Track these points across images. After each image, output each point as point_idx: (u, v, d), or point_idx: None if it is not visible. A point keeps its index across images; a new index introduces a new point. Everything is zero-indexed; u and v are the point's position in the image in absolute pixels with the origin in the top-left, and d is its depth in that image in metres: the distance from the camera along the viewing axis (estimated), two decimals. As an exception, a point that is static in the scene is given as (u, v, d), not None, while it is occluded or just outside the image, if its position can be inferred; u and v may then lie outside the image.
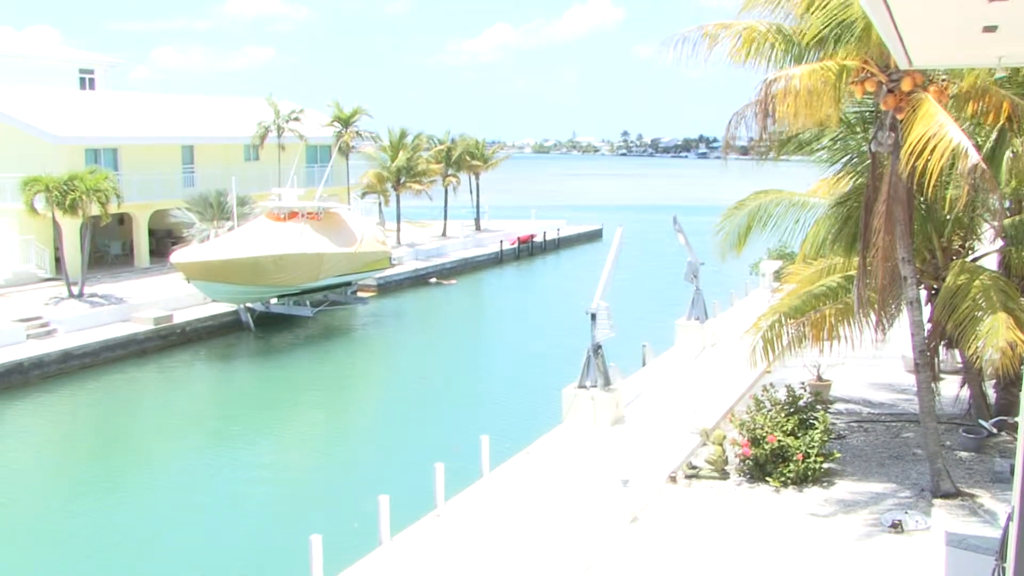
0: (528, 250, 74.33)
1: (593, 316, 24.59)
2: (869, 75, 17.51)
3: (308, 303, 46.71)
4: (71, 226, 44.71)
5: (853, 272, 20.91)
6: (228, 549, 21.58)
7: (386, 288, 55.48)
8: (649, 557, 16.85)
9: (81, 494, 26.00)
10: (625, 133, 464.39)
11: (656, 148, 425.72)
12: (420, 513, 18.78)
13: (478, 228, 77.80)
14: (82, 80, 68.38)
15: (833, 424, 21.88)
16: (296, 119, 58.97)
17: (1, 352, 35.46)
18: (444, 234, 73.31)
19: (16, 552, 22.01)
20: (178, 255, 41.89)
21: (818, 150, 21.85)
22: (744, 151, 21.01)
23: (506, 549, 17.30)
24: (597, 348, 24.68)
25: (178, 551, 21.73)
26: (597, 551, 17.08)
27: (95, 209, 42.58)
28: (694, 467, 21.01)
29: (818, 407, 21.43)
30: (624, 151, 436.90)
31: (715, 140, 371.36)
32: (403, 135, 68.22)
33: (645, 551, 17.10)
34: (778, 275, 37.97)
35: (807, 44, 18.05)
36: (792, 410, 20.69)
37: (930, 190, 17.13)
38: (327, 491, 25.25)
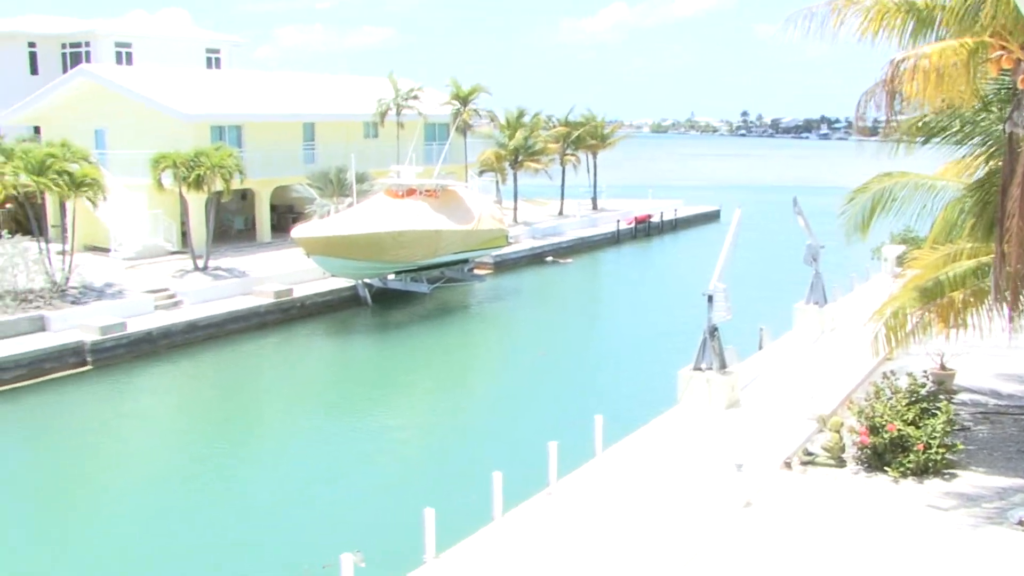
0: (645, 230, 73.82)
1: (710, 298, 24.29)
2: (1006, 52, 16.84)
3: (425, 280, 47.15)
4: (197, 201, 45.91)
5: (984, 258, 20.24)
6: (341, 519, 21.96)
7: (502, 266, 55.71)
8: (762, 543, 16.63)
9: (203, 460, 26.77)
10: (744, 113, 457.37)
11: (776, 128, 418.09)
12: (532, 491, 18.84)
13: (595, 207, 77.48)
14: (209, 59, 70.11)
15: (956, 415, 21.20)
16: (415, 97, 59.39)
17: (132, 322, 36.68)
18: (561, 213, 73.25)
19: (142, 516, 22.79)
20: (298, 230, 42.65)
21: (948, 131, 21.13)
22: (873, 132, 20.47)
23: (617, 529, 17.26)
24: (713, 330, 24.39)
25: (292, 519, 22.21)
26: (709, 535, 16.94)
27: (219, 184, 43.68)
28: (810, 454, 20.64)
29: (941, 396, 20.86)
30: (743, 131, 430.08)
31: (837, 121, 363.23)
32: (521, 114, 68.30)
33: (758, 537, 16.88)
34: (901, 260, 37.00)
35: (941, 21, 17.44)
36: (914, 399, 20.13)
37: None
38: (441, 465, 25.53)
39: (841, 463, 20.17)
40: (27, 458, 27.47)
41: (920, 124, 20.93)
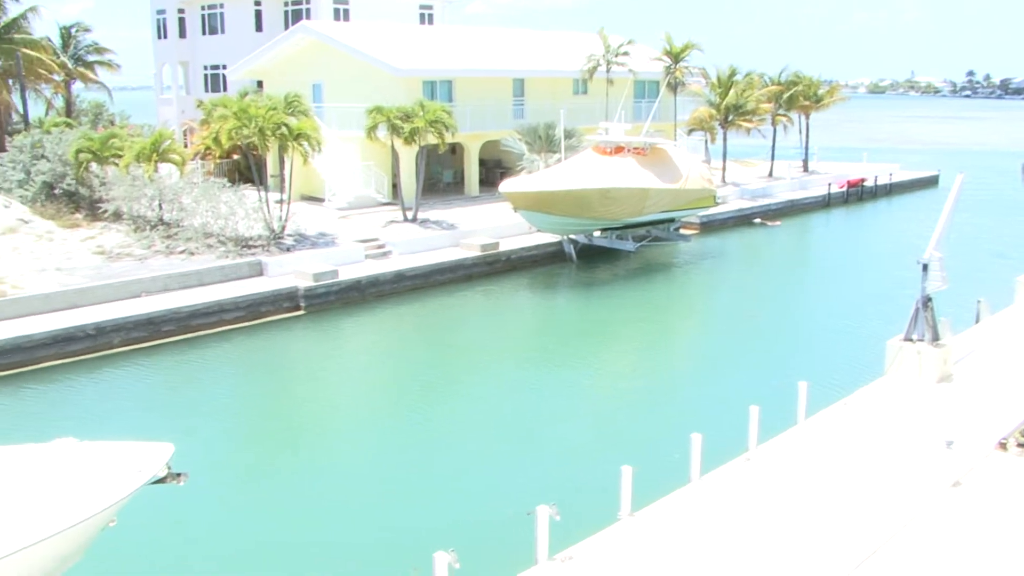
0: (857, 194, 71.35)
1: (925, 266, 23.38)
2: None
3: (631, 238, 46.99)
4: (408, 154, 47.05)
5: None
6: (540, 470, 22.28)
7: (709, 226, 55.05)
8: (971, 524, 15.99)
9: (406, 405, 27.61)
10: (970, 73, 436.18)
11: (1006, 89, 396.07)
12: (731, 455, 18.68)
13: (806, 170, 75.42)
14: (422, 15, 71.50)
15: None
16: (625, 53, 58.87)
17: (343, 270, 38.07)
18: (770, 174, 71.68)
19: (346, 452, 23.78)
20: (506, 185, 43.11)
21: None
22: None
23: (815, 500, 16.93)
24: (927, 300, 23.48)
25: (492, 468, 22.69)
26: (913, 512, 16.41)
27: (431, 139, 44.58)
28: (1028, 434, 19.68)
29: None
30: (968, 92, 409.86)
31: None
32: (733, 72, 66.97)
33: (967, 518, 16.23)
34: None
35: None
36: None
37: None
38: (640, 424, 25.55)
39: (1062, 446, 19.15)
40: (247, 390, 29.27)
41: None
